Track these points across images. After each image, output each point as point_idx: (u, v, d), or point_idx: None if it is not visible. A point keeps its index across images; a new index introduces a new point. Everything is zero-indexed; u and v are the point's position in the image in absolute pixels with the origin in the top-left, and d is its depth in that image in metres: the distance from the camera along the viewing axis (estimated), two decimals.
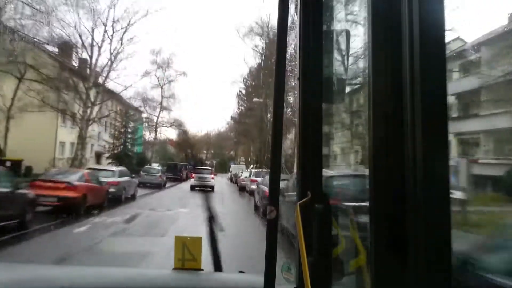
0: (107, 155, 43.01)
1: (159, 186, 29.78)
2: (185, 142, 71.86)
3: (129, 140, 44.78)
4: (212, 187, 28.16)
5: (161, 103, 54.44)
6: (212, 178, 29.53)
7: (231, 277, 1.64)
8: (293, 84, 1.42)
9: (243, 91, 55.32)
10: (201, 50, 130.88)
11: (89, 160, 35.63)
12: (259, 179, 19.40)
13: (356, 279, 1.23)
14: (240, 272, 1.69)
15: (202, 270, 1.56)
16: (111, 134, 43.99)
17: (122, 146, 43.63)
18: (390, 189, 0.83)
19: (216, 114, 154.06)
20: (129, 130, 45.16)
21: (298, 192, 1.31)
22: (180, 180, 42.09)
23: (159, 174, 31.50)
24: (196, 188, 28.31)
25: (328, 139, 1.44)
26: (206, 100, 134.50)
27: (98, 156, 42.26)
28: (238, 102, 57.43)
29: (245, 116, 52.66)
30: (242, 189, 29.00)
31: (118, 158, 41.80)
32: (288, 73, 1.26)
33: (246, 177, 28.17)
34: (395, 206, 0.81)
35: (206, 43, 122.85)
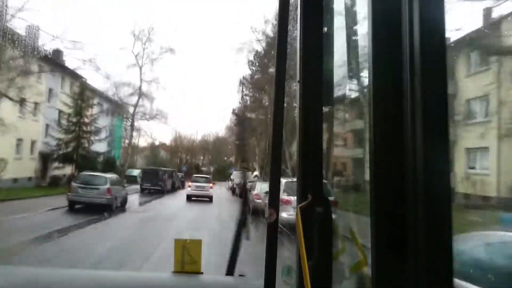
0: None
1: (109, 208, 17.29)
2: (180, 146, 64.01)
3: (86, 135, 30.15)
4: (210, 198, 25.59)
5: (139, 88, 39.63)
6: (211, 188, 26.52)
7: (231, 281, 1.63)
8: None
9: (248, 78, 42.78)
10: (195, 18, 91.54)
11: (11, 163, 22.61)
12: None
13: (357, 283, 1.22)
14: (240, 275, 1.68)
15: (202, 273, 1.55)
16: (60, 127, 29.10)
17: (75, 143, 28.95)
18: (390, 189, 0.82)
19: (215, 111, 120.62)
20: (86, 120, 30.24)
21: (298, 195, 1.31)
22: (161, 192, 29.23)
23: (107, 186, 17.84)
24: (192, 198, 25.30)
25: (328, 142, 1.44)
26: (202, 91, 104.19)
27: (45, 158, 28.56)
28: (242, 90, 44.38)
29: (251, 109, 41.95)
30: (257, 213, 13.81)
31: (69, 160, 28.48)
32: (288, 75, 1.26)
33: (267, 194, 6.79)
34: (396, 206, 0.81)
35: (202, 8, 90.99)
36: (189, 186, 26.97)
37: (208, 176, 31.51)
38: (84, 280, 1.51)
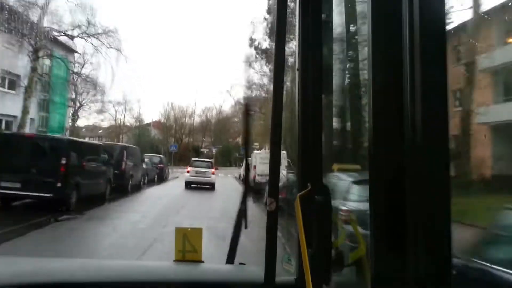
0: None
1: None
2: (173, 120, 51.57)
3: None
4: (213, 185, 21.85)
5: None
6: (213, 173, 22.54)
7: (231, 269, 1.65)
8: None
9: None
10: None
11: None
12: None
13: (356, 270, 1.24)
14: (241, 263, 1.70)
15: (203, 262, 1.57)
16: None
17: None
18: (390, 181, 0.83)
19: (218, 70, 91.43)
20: None
21: (298, 184, 1.31)
22: (63, 206, 10.70)
23: None
24: (192, 185, 21.46)
25: (327, 130, 1.44)
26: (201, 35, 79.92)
27: None
28: None
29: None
30: None
31: None
32: (288, 65, 1.24)
33: None
34: (395, 199, 0.81)
35: None
36: (188, 172, 22.60)
37: (210, 160, 26.11)
38: (86, 269, 1.53)
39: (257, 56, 29.87)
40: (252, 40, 30.00)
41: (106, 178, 14.45)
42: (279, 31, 1.13)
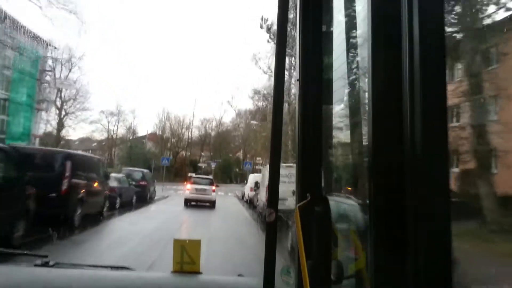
0: None
1: None
2: (170, 131, 47.10)
3: None
4: (213, 203, 20.80)
5: None
6: (213, 191, 21.33)
7: (229, 280, 1.63)
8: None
9: None
10: None
11: None
12: None
13: (356, 282, 1.22)
14: (239, 275, 1.68)
15: (201, 273, 1.55)
16: None
17: None
18: (390, 181, 0.83)
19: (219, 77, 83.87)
20: None
21: (297, 194, 1.31)
22: None
23: None
24: (192, 203, 20.35)
25: (327, 141, 1.44)
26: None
27: None
28: None
29: None
30: None
31: None
32: (288, 74, 1.25)
33: None
34: (395, 199, 0.81)
35: None
36: (188, 189, 21.38)
37: (210, 177, 24.82)
38: (84, 280, 1.52)
39: (269, 40, 24.87)
40: (263, 20, 24.11)
41: (15, 210, 7.55)
42: (280, 41, 1.14)
